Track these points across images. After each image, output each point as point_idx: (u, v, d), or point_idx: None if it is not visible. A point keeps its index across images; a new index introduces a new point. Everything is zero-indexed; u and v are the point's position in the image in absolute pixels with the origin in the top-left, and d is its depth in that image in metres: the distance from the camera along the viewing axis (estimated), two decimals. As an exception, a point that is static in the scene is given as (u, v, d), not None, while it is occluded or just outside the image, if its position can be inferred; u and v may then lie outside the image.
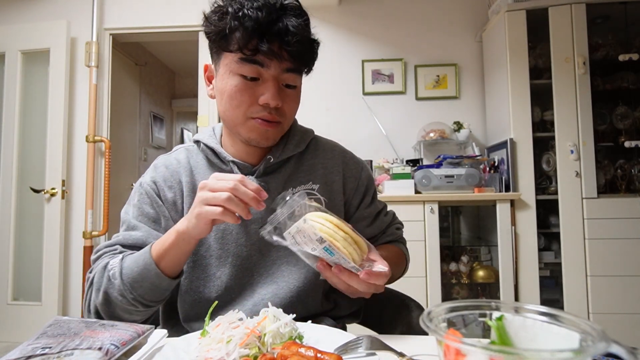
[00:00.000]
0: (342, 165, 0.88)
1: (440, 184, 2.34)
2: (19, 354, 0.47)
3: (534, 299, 2.24)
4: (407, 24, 2.92)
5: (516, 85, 2.38)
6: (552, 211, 2.36)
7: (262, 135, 0.76)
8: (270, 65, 0.71)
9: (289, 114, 0.77)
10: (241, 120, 0.75)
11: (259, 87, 0.72)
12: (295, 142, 0.85)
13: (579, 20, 2.32)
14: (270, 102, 0.72)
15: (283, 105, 0.75)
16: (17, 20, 2.95)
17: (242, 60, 0.71)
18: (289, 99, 0.76)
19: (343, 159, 0.89)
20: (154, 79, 4.54)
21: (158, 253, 0.68)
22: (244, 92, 0.72)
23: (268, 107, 0.73)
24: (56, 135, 2.73)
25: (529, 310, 0.38)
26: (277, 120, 0.75)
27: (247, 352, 0.49)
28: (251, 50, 0.70)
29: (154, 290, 0.68)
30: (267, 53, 0.69)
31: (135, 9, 2.95)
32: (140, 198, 0.81)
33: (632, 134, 2.42)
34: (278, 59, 0.71)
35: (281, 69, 0.72)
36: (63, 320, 0.57)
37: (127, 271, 0.68)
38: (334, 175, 0.86)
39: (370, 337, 0.53)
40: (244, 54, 0.70)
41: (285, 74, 0.73)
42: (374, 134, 2.83)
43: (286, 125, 0.79)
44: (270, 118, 0.74)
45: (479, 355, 0.30)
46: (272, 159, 0.81)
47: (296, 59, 0.73)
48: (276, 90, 0.72)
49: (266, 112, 0.73)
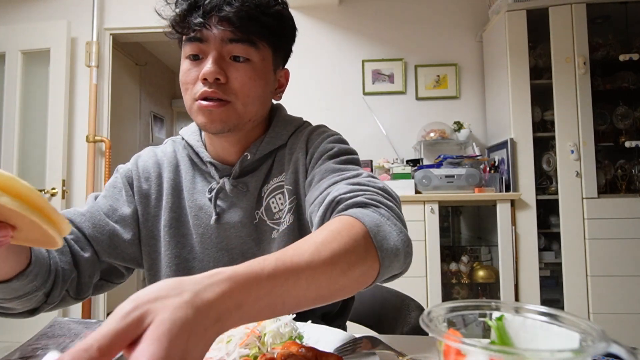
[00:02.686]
0: (307, 142, 0.76)
1: (440, 184, 2.34)
2: (19, 354, 0.47)
3: (534, 299, 2.24)
4: (407, 24, 2.92)
5: (516, 85, 2.38)
6: (553, 211, 2.36)
7: (207, 116, 0.67)
8: (208, 37, 0.66)
9: (240, 92, 0.68)
10: (189, 105, 0.69)
11: (202, 65, 0.67)
12: (275, 134, 0.77)
13: (580, 20, 2.32)
14: (207, 75, 0.65)
15: (230, 79, 0.67)
16: (18, 20, 2.95)
17: (185, 41, 0.68)
18: (238, 73, 0.67)
19: (310, 136, 0.77)
20: (154, 79, 4.54)
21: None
22: (188, 74, 0.68)
23: (208, 83, 0.66)
24: (56, 135, 2.73)
25: (529, 310, 0.38)
26: (222, 98, 0.67)
27: (247, 352, 0.49)
28: (188, 28, 0.66)
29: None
30: (201, 26, 0.64)
31: (136, 9, 2.95)
32: (112, 181, 0.78)
33: (632, 134, 2.42)
34: (217, 30, 0.65)
35: (222, 41, 0.66)
36: (63, 322, 0.57)
37: None
38: (299, 153, 0.75)
39: (370, 337, 0.53)
40: (183, 34, 0.68)
41: (229, 45, 0.66)
42: (374, 134, 2.83)
43: (241, 105, 0.69)
44: (211, 93, 0.66)
45: (479, 355, 0.30)
46: (249, 155, 0.74)
47: (238, 25, 0.65)
48: (214, 61, 0.65)
49: (206, 88, 0.66)
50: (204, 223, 0.74)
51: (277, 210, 0.74)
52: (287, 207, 0.73)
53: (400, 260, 0.50)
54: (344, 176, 0.62)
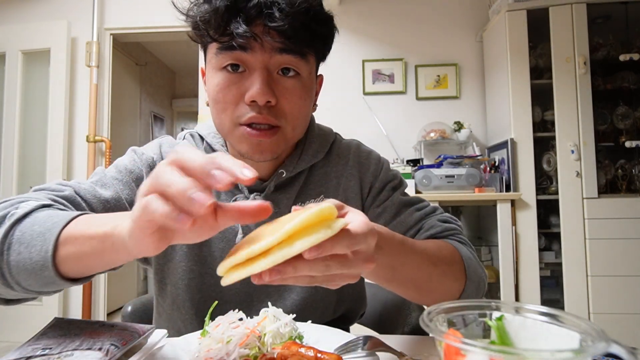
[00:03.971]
0: (358, 167, 0.73)
1: (440, 184, 2.34)
2: (19, 355, 0.47)
3: (534, 299, 2.24)
4: (407, 23, 2.92)
5: (517, 85, 2.38)
6: (553, 211, 2.36)
7: (254, 147, 0.59)
8: (254, 47, 0.56)
9: (290, 114, 0.59)
10: (229, 129, 0.59)
11: (245, 80, 0.57)
12: (313, 151, 0.70)
13: (580, 20, 2.32)
14: (256, 97, 0.55)
15: (280, 101, 0.58)
16: (18, 20, 2.96)
17: (221, 49, 0.57)
18: (288, 92, 0.58)
19: (358, 160, 0.74)
20: (155, 79, 4.54)
21: (70, 236, 0.44)
22: (227, 91, 0.58)
23: (257, 106, 0.57)
24: (57, 135, 2.74)
25: (529, 310, 0.38)
26: (273, 124, 0.58)
27: (247, 352, 0.49)
28: (227, 35, 0.55)
29: (37, 279, 0.46)
30: (247, 37, 0.54)
31: (136, 9, 2.95)
32: (129, 166, 0.67)
33: (632, 133, 2.41)
34: (263, 39, 0.55)
35: (271, 50, 0.56)
36: (63, 321, 0.57)
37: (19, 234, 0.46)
38: (349, 180, 0.71)
39: (370, 337, 0.53)
40: (219, 42, 0.57)
41: (278, 55, 0.57)
42: (375, 134, 2.82)
43: (290, 130, 0.61)
44: (262, 119, 0.57)
45: (479, 355, 0.30)
46: (285, 173, 0.67)
47: (290, 35, 0.55)
48: (264, 80, 0.56)
49: (255, 113, 0.57)
50: (227, 238, 0.68)
51: None
52: None
53: (480, 292, 0.63)
54: (427, 210, 0.72)
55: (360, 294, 0.81)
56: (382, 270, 0.50)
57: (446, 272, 0.57)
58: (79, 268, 0.46)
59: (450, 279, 0.57)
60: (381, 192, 0.73)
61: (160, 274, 0.72)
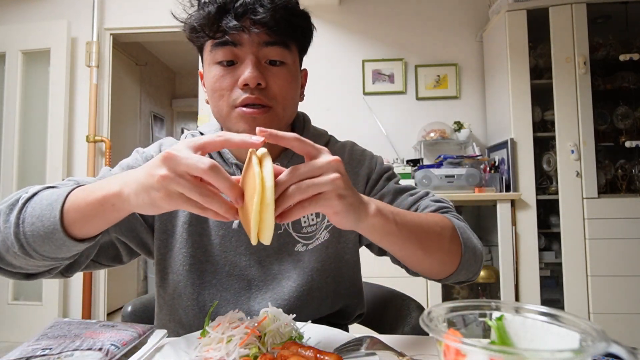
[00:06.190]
0: (353, 164, 0.79)
1: (440, 184, 2.34)
2: (19, 355, 0.47)
3: (534, 299, 2.24)
4: (407, 23, 2.92)
5: (517, 85, 2.38)
6: (553, 211, 2.36)
7: (250, 124, 0.66)
8: (243, 41, 0.65)
9: (280, 96, 0.67)
10: (227, 112, 0.67)
11: (237, 70, 0.66)
12: None
13: (580, 20, 2.32)
14: (248, 80, 0.64)
15: (269, 84, 0.66)
16: (18, 20, 2.96)
17: (215, 46, 0.66)
18: (276, 77, 0.67)
19: (352, 157, 0.80)
20: (155, 79, 4.54)
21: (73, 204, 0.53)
22: (222, 80, 0.66)
23: (249, 89, 0.65)
24: (56, 135, 2.74)
25: (529, 310, 0.38)
26: (265, 104, 0.66)
27: (247, 352, 0.49)
28: (220, 32, 0.64)
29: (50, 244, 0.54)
30: (237, 29, 0.63)
31: (136, 9, 2.95)
32: (133, 162, 0.75)
33: (632, 133, 2.41)
34: (251, 33, 0.64)
35: (258, 44, 0.65)
36: (63, 322, 0.57)
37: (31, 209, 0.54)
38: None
39: (370, 337, 0.53)
40: (214, 38, 0.65)
41: (265, 48, 0.66)
42: (374, 134, 2.82)
43: (281, 109, 0.69)
44: (255, 100, 0.65)
45: (479, 355, 0.30)
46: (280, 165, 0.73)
47: (274, 29, 0.64)
48: (254, 66, 0.64)
49: (248, 94, 0.65)
50: (226, 225, 0.73)
51: (307, 225, 0.74)
52: (324, 224, 0.75)
53: (478, 262, 0.68)
54: (420, 194, 0.79)
55: (357, 289, 0.82)
56: (387, 224, 0.54)
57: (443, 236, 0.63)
58: (85, 229, 0.54)
59: (446, 241, 0.63)
60: (377, 183, 0.80)
61: (162, 264, 0.75)
